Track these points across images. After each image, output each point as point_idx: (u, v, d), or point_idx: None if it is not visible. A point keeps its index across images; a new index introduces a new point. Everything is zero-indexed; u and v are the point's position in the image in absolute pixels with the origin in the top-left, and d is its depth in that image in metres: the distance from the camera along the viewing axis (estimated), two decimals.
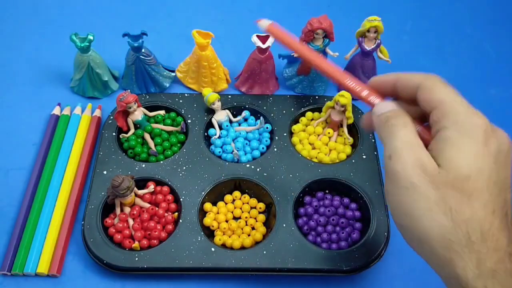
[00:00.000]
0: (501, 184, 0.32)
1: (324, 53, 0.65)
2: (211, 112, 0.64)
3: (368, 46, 0.64)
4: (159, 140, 0.61)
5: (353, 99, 0.61)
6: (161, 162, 0.60)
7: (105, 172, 0.58)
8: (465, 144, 0.32)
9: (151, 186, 0.57)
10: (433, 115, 0.34)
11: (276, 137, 0.62)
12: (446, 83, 0.35)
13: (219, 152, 0.61)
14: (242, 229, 0.56)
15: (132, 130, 0.61)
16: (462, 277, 0.30)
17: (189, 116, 0.64)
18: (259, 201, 0.58)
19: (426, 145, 0.34)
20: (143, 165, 0.59)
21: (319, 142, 0.62)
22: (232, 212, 0.57)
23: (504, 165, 0.32)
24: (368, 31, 0.62)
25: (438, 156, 0.32)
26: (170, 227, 0.55)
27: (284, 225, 0.55)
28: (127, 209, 0.56)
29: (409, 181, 0.32)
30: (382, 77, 0.39)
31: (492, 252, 0.30)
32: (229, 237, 0.55)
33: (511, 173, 0.33)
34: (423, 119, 0.37)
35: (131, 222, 0.55)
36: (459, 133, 0.32)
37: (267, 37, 0.62)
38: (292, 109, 0.65)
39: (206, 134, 0.63)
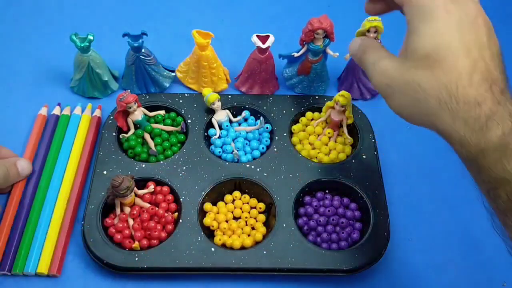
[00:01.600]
0: (473, 45, 0.36)
1: (324, 53, 0.65)
2: (211, 112, 0.64)
3: None
4: (159, 140, 0.61)
5: (353, 99, 0.61)
6: (161, 162, 0.60)
7: (105, 172, 0.58)
8: (424, 26, 0.37)
9: (151, 186, 0.57)
10: (404, 10, 0.39)
11: (276, 137, 0.62)
12: None
13: (219, 152, 0.61)
14: (242, 229, 0.56)
15: (132, 130, 0.61)
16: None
17: (189, 116, 0.64)
18: (259, 201, 0.58)
19: None
20: (143, 165, 0.59)
21: (319, 142, 0.62)
22: (232, 212, 0.57)
23: (470, 29, 0.36)
24: (368, 31, 0.62)
25: (406, 48, 0.38)
26: (170, 227, 0.55)
27: (284, 225, 0.55)
28: (127, 209, 0.56)
29: (390, 78, 0.39)
30: None
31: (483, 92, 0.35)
32: (229, 237, 0.55)
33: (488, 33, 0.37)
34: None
35: (131, 222, 0.55)
36: (419, 19, 0.37)
37: (267, 37, 0.62)
38: (292, 109, 0.65)
39: (206, 134, 0.63)
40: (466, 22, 0.36)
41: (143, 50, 0.63)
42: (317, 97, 0.66)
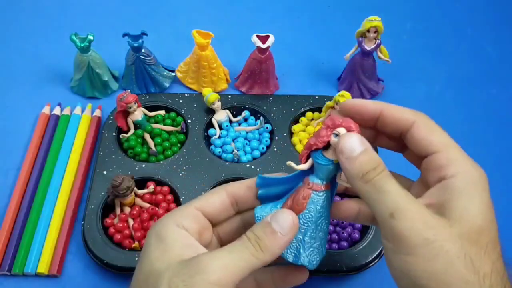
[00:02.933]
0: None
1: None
2: (211, 112, 0.64)
3: (368, 46, 0.64)
4: (159, 140, 0.61)
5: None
6: (161, 162, 0.60)
7: (105, 172, 0.58)
8: (476, 195, 0.31)
9: (151, 186, 0.57)
10: (434, 160, 0.32)
11: (276, 137, 0.62)
12: (436, 124, 0.33)
13: (219, 152, 0.61)
14: None
15: (132, 130, 0.61)
16: None
17: (189, 116, 0.64)
18: None
19: None
20: (143, 165, 0.59)
21: None
22: None
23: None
24: (368, 31, 0.62)
25: (445, 206, 0.31)
26: None
27: None
28: (127, 209, 0.56)
29: (423, 237, 0.29)
30: (362, 104, 0.35)
31: None
32: None
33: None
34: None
35: (131, 222, 0.55)
36: (468, 184, 0.31)
37: (267, 37, 0.62)
38: (292, 109, 0.65)
39: (206, 134, 0.63)
40: None
41: (143, 50, 0.63)
42: (317, 97, 0.66)
